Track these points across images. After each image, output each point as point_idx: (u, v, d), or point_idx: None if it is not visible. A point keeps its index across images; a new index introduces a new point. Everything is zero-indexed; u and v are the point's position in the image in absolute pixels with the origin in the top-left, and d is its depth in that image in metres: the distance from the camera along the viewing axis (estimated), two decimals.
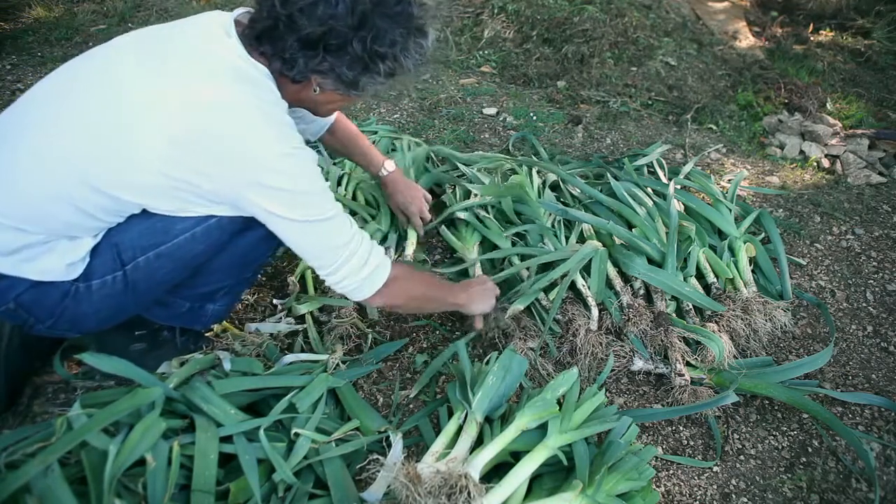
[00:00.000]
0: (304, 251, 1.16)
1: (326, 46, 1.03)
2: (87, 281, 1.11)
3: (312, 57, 1.04)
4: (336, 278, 1.18)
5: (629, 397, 1.51)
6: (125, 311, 1.21)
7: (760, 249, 1.87)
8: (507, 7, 3.38)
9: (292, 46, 1.03)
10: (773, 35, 3.52)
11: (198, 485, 1.02)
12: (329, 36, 1.02)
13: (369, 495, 1.12)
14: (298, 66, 1.05)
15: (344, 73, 1.06)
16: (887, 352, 1.68)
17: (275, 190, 1.05)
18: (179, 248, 1.13)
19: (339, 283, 1.19)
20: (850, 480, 1.36)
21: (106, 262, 1.11)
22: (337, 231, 1.15)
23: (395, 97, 2.77)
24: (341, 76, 1.07)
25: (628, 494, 1.16)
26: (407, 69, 1.10)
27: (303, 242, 1.14)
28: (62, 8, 3.35)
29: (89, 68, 1.07)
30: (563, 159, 2.36)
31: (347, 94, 1.13)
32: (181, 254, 1.14)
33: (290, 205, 1.07)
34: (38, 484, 0.90)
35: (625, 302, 1.61)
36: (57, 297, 1.10)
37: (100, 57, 1.08)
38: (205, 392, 1.17)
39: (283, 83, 1.11)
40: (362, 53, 1.04)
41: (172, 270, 1.17)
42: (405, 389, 1.48)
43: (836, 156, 2.50)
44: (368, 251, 1.20)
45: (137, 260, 1.12)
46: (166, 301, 1.30)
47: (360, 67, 1.07)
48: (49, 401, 1.36)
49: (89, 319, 1.16)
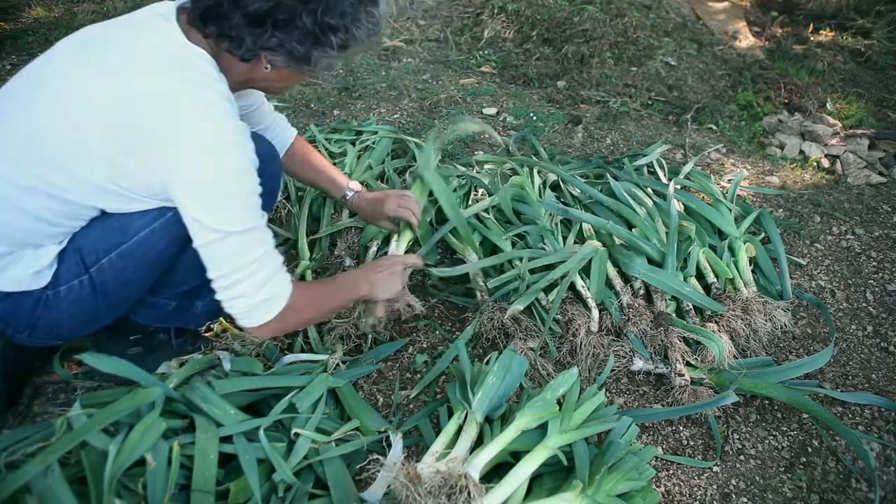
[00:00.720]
0: (205, 256, 1.06)
1: (274, 22, 0.99)
2: (55, 288, 1.09)
3: (260, 34, 1.00)
4: (228, 294, 1.07)
5: (629, 397, 1.51)
6: (101, 315, 1.18)
7: (760, 249, 1.87)
8: (507, 7, 3.38)
9: (238, 24, 0.99)
10: (773, 35, 3.52)
11: (198, 485, 1.02)
12: (276, 11, 0.98)
13: (369, 495, 1.12)
14: (246, 44, 1.01)
15: (294, 48, 1.02)
16: (887, 352, 1.68)
17: (194, 185, 0.99)
18: (141, 245, 1.10)
19: (229, 302, 1.08)
20: (850, 480, 1.36)
21: (71, 267, 1.09)
22: (249, 246, 1.05)
23: (395, 97, 2.77)
24: (292, 52, 1.03)
25: (628, 494, 1.16)
26: (360, 40, 1.07)
27: (207, 250, 1.04)
28: (62, 8, 3.35)
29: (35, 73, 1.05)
30: (563, 159, 2.36)
31: (299, 69, 1.09)
32: (144, 251, 1.11)
33: (207, 207, 1.00)
34: (38, 484, 0.90)
35: (625, 302, 1.61)
36: (29, 306, 1.08)
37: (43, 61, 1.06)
38: (205, 392, 1.17)
39: (233, 63, 1.07)
40: (312, 27, 1.01)
41: (140, 269, 1.14)
42: (405, 389, 1.48)
43: (836, 156, 2.50)
44: (270, 276, 1.09)
45: (101, 262, 1.10)
46: (150, 302, 1.27)
47: (311, 41, 1.03)
48: (49, 401, 1.36)
49: (66, 326, 1.14)
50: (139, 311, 1.28)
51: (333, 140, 2.30)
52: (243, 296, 1.07)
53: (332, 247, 1.78)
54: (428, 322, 1.66)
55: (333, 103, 2.69)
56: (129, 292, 1.18)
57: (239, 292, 1.06)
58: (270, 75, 1.11)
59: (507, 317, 1.53)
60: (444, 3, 3.60)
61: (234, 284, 1.06)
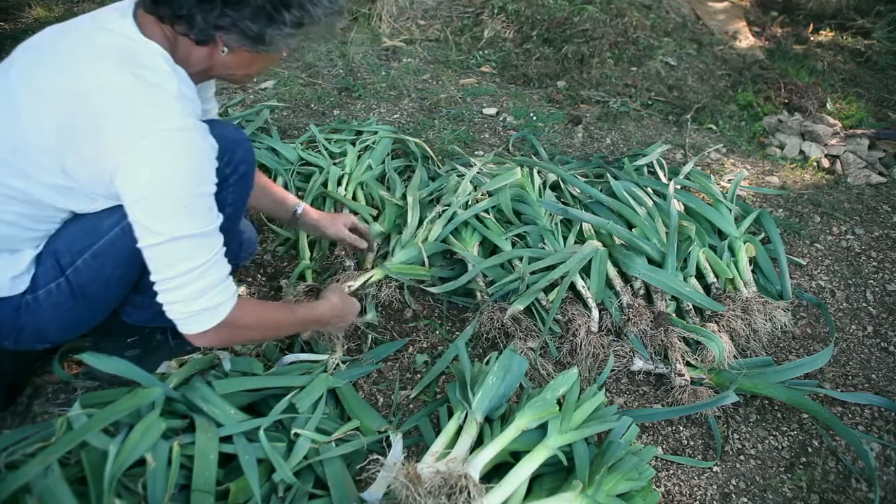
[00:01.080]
0: (146, 258, 1.02)
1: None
2: (34, 292, 1.08)
3: (210, 10, 0.98)
4: (166, 298, 1.04)
5: (629, 397, 1.51)
6: (86, 316, 1.17)
7: (760, 249, 1.87)
8: (507, 7, 3.38)
9: (188, 2, 0.97)
10: (773, 35, 3.52)
11: (198, 485, 1.02)
12: None
13: (369, 495, 1.12)
14: (198, 23, 0.98)
15: (248, 26, 1.00)
16: (887, 352, 1.68)
17: (136, 187, 0.95)
18: (113, 244, 1.08)
19: (167, 307, 1.05)
20: (850, 480, 1.36)
21: (48, 270, 1.08)
22: (192, 253, 1.02)
23: (395, 97, 2.77)
24: (245, 30, 1.00)
25: (628, 494, 1.16)
26: (316, 18, 1.04)
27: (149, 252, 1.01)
28: (62, 8, 3.35)
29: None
30: (563, 159, 2.36)
31: (255, 50, 1.05)
32: (117, 250, 1.09)
33: (148, 209, 0.96)
34: (38, 484, 0.89)
35: (625, 302, 1.61)
36: (11, 312, 1.08)
37: (7, 64, 1.04)
38: (205, 392, 1.17)
39: (191, 50, 1.05)
40: (264, 3, 0.99)
41: (116, 268, 1.11)
42: (405, 389, 1.48)
43: (836, 156, 2.50)
44: (212, 286, 1.05)
45: (76, 264, 1.09)
46: (137, 301, 1.24)
47: (265, 18, 1.00)
48: (49, 401, 1.36)
49: (51, 330, 1.13)
50: (129, 312, 1.27)
51: (333, 140, 2.31)
52: (181, 302, 1.03)
53: (333, 247, 1.79)
54: (428, 322, 1.66)
55: (333, 103, 2.69)
56: (110, 292, 1.16)
57: (177, 298, 1.03)
58: (229, 59, 1.08)
59: (507, 317, 1.53)
60: (444, 3, 3.60)
61: (173, 290, 1.02)
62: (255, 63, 1.13)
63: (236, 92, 2.70)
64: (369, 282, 1.62)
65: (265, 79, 2.83)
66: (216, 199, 1.06)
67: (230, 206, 1.17)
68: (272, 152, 2.17)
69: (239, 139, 1.21)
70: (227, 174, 1.14)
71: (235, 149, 1.17)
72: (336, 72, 2.96)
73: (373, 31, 3.36)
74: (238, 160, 1.16)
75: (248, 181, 1.23)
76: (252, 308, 1.17)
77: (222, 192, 1.11)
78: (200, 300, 1.04)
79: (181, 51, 1.05)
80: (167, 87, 0.99)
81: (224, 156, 1.09)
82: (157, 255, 1.00)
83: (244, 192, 1.24)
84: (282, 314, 1.26)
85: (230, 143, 1.13)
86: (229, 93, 2.69)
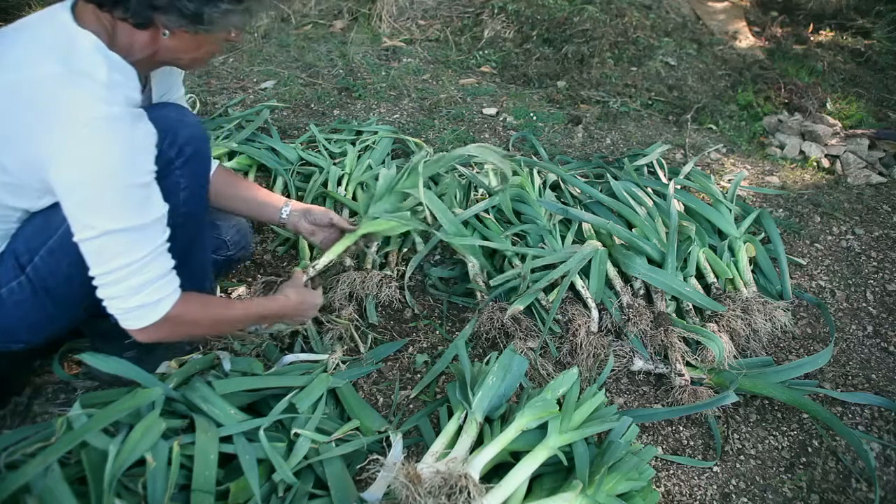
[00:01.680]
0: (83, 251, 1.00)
1: None
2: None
3: None
4: (103, 293, 1.02)
5: (629, 397, 1.51)
6: (53, 314, 1.15)
7: (760, 249, 1.87)
8: (507, 7, 3.38)
9: None
10: (773, 35, 3.52)
11: (198, 485, 1.02)
12: None
13: (369, 495, 1.12)
14: (133, 5, 0.96)
15: (184, 5, 0.97)
16: (887, 352, 1.68)
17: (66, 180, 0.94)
18: (64, 239, 1.05)
19: (106, 301, 1.03)
20: (850, 480, 1.36)
21: (8, 269, 1.08)
22: (128, 247, 0.99)
23: (395, 97, 2.77)
24: (182, 9, 0.97)
25: (628, 494, 1.16)
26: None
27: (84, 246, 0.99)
28: None
29: None
30: (563, 159, 2.36)
31: (196, 30, 1.02)
32: (70, 244, 1.04)
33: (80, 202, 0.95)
34: (38, 484, 0.90)
35: (625, 302, 1.61)
36: None
37: None
38: (205, 392, 1.17)
39: (133, 36, 1.02)
40: None
41: (74, 264, 1.07)
42: (405, 389, 1.48)
43: (836, 156, 2.50)
44: (150, 281, 1.03)
45: (34, 261, 1.08)
46: None
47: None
48: (49, 401, 1.36)
49: (20, 330, 1.12)
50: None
51: (333, 140, 2.31)
52: (118, 297, 1.02)
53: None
54: (428, 322, 1.66)
55: (333, 103, 2.69)
56: (73, 288, 1.13)
57: (113, 293, 1.02)
58: (172, 44, 1.05)
59: (507, 317, 1.53)
60: (444, 3, 3.60)
61: (109, 285, 1.01)
62: (201, 46, 1.09)
63: (236, 92, 2.70)
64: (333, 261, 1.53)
65: (265, 79, 2.83)
66: (167, 186, 1.04)
67: (185, 191, 1.14)
68: (272, 152, 2.17)
69: (184, 119, 1.17)
70: (171, 157, 1.11)
71: (179, 129, 1.13)
72: (336, 72, 2.96)
73: (373, 31, 3.36)
74: (183, 141, 1.12)
75: (200, 162, 1.19)
76: (196, 304, 1.14)
77: (171, 176, 1.10)
78: (138, 296, 1.02)
79: (123, 38, 1.03)
80: (95, 74, 0.96)
81: (166, 138, 1.07)
82: (91, 250, 0.99)
83: (199, 173, 1.19)
84: (231, 311, 1.24)
85: (173, 124, 1.10)
86: (229, 93, 2.70)
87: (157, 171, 1.04)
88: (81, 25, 0.99)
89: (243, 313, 1.26)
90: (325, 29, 3.37)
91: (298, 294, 1.39)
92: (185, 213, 1.15)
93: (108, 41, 1.01)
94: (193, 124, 1.18)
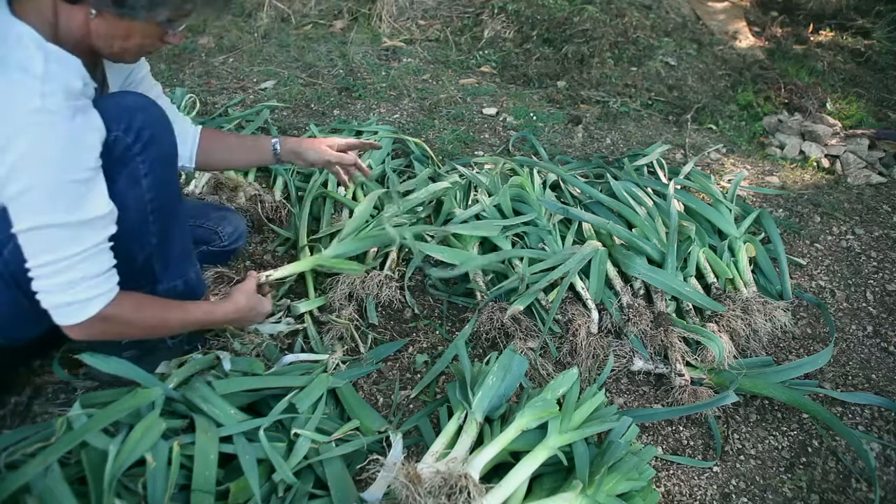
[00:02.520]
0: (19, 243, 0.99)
1: None
2: None
3: None
4: (36, 286, 1.01)
5: (629, 397, 1.51)
6: (28, 309, 1.12)
7: (760, 249, 1.87)
8: (507, 7, 3.38)
9: None
10: (773, 35, 3.52)
11: (198, 485, 1.02)
12: None
13: (369, 495, 1.12)
14: None
15: None
16: (887, 352, 1.68)
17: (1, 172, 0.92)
18: None
19: (39, 296, 1.02)
20: (850, 480, 1.36)
21: None
22: (62, 243, 0.98)
23: (395, 97, 2.77)
24: None
25: (628, 494, 1.16)
26: None
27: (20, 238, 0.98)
28: None
29: None
30: (563, 159, 2.36)
31: (120, 13, 0.99)
32: None
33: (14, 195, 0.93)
34: (38, 484, 0.90)
35: (625, 302, 1.61)
36: None
37: None
38: (205, 392, 1.17)
39: (70, 15, 1.00)
40: None
41: None
42: (405, 389, 1.48)
43: (836, 156, 2.50)
44: (82, 278, 1.02)
45: (3, 254, 1.06)
46: None
47: None
48: (49, 401, 1.36)
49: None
50: None
51: None
52: (49, 292, 1.01)
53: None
54: (428, 322, 1.66)
55: (333, 103, 2.69)
56: None
57: (44, 287, 1.01)
58: (102, 28, 1.02)
59: (507, 317, 1.53)
60: (444, 3, 3.60)
61: (41, 278, 1.00)
62: (130, 36, 1.06)
63: (236, 92, 2.70)
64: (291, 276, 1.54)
65: (265, 79, 2.83)
66: (128, 173, 1.03)
67: (148, 177, 1.12)
68: None
69: (140, 104, 1.14)
70: (129, 143, 1.08)
71: (135, 114, 1.10)
72: (336, 72, 2.96)
73: (373, 31, 3.36)
74: (139, 125, 1.09)
75: (160, 146, 1.15)
76: (133, 305, 1.12)
77: (131, 163, 1.08)
78: (69, 292, 1.01)
79: (63, 21, 1.01)
80: (30, 67, 0.94)
81: (120, 124, 1.05)
82: (25, 242, 0.98)
83: (161, 158, 1.15)
84: (171, 314, 1.21)
85: (127, 111, 1.07)
86: (229, 93, 2.70)
87: (116, 159, 1.02)
88: (19, 18, 0.96)
89: (184, 317, 1.23)
90: (325, 29, 3.37)
91: (249, 301, 1.37)
92: (153, 200, 1.13)
93: (51, 31, 0.99)
94: (151, 110, 1.14)
